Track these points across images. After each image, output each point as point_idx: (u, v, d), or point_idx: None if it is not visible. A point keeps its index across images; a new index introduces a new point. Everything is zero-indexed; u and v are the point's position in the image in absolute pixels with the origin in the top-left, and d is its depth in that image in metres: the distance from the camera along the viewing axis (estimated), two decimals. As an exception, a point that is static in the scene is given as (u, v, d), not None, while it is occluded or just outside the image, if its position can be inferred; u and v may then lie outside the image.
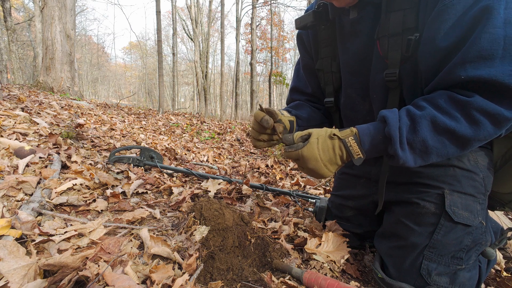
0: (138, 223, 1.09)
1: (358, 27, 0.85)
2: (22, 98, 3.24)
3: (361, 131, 0.72)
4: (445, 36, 0.64)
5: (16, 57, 8.59)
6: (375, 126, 0.72)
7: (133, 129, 3.94)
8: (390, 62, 0.78)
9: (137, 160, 1.83)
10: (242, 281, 0.80)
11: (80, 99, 5.65)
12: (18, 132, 1.78)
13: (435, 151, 0.66)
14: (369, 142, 0.71)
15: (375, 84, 0.85)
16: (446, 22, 0.64)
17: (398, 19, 0.74)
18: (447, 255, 0.76)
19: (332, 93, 1.04)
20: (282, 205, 1.49)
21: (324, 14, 0.92)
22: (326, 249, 0.97)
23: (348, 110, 1.01)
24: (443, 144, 0.65)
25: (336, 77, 1.00)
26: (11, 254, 0.68)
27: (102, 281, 0.69)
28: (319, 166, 0.72)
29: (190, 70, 27.95)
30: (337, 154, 0.72)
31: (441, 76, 0.66)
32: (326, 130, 0.74)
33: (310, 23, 0.95)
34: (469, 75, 0.61)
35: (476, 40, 0.59)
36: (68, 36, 6.04)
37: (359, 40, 0.86)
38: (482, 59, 0.59)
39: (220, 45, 11.34)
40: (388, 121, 0.67)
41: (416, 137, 0.65)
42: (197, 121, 6.77)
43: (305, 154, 0.72)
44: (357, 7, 0.82)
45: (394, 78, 0.78)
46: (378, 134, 0.70)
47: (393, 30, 0.75)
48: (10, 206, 1.01)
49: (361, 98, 0.94)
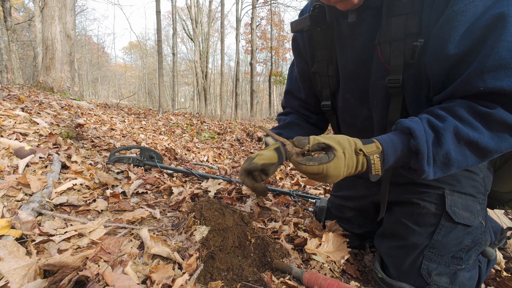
0: (138, 223, 1.09)
1: (357, 31, 0.82)
2: (22, 98, 3.24)
3: (385, 146, 0.64)
4: (455, 43, 0.62)
5: (16, 57, 8.58)
6: (399, 139, 0.65)
7: (133, 129, 3.94)
8: (393, 68, 0.75)
9: (137, 160, 1.83)
10: (242, 281, 0.80)
11: (80, 99, 5.65)
12: (18, 132, 1.78)
13: (456, 163, 0.63)
14: (393, 159, 0.65)
15: (376, 90, 0.82)
16: (455, 29, 0.61)
17: (400, 24, 0.71)
18: (447, 255, 0.76)
19: (329, 97, 1.01)
20: (282, 205, 1.49)
21: (320, 17, 0.89)
22: (326, 249, 0.96)
23: (346, 115, 0.98)
24: (465, 155, 0.62)
25: (333, 80, 0.97)
26: (11, 254, 0.68)
27: (102, 281, 0.69)
28: (336, 180, 0.65)
29: (190, 70, 27.95)
30: (357, 170, 0.66)
31: (456, 86, 0.64)
32: (349, 142, 0.64)
33: (306, 27, 0.92)
34: (488, 86, 0.58)
35: (493, 49, 0.57)
36: (68, 36, 6.04)
37: (358, 44, 0.83)
38: (502, 68, 0.56)
39: (220, 45, 11.34)
40: (416, 134, 0.62)
41: (440, 150, 0.62)
42: (197, 121, 6.77)
43: (331, 172, 0.62)
44: (356, 10, 0.77)
45: (397, 84, 0.75)
46: (403, 148, 0.65)
47: (395, 35, 0.73)
48: (10, 206, 1.01)
49: (359, 103, 0.91)
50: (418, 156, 0.63)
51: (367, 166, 0.64)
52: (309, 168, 0.62)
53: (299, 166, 0.63)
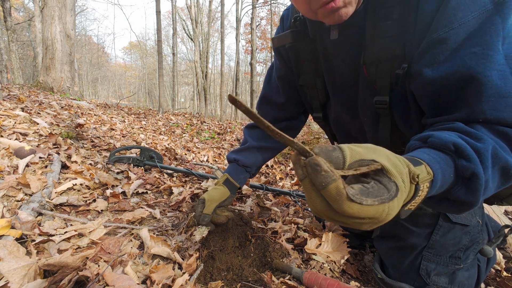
0: (138, 223, 1.09)
1: (341, 49, 0.78)
2: (22, 98, 3.24)
3: (434, 168, 0.46)
4: (436, 70, 0.59)
5: (16, 57, 8.58)
6: (444, 160, 0.50)
7: (133, 129, 3.94)
8: (379, 89, 0.73)
9: (137, 160, 1.84)
10: (242, 281, 0.80)
11: (80, 99, 5.65)
12: (18, 132, 1.78)
13: (488, 193, 0.51)
14: (438, 186, 0.48)
15: (365, 108, 0.81)
16: (436, 56, 0.59)
17: (385, 46, 0.68)
18: (446, 255, 0.76)
19: (319, 109, 0.99)
20: (282, 205, 1.49)
21: (302, 32, 0.85)
22: (326, 249, 0.97)
23: (339, 126, 0.97)
24: (495, 182, 0.52)
25: (321, 94, 0.94)
26: (11, 254, 0.69)
27: (102, 281, 0.69)
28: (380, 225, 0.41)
29: (190, 70, 27.95)
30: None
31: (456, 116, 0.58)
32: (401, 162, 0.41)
33: (288, 44, 0.88)
34: (488, 117, 0.53)
35: (487, 78, 0.53)
36: (68, 36, 6.04)
37: (343, 63, 0.80)
38: (500, 97, 0.52)
39: (220, 45, 11.35)
40: (467, 153, 0.48)
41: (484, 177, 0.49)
42: (197, 121, 6.77)
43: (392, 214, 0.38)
44: (338, 27, 0.74)
45: (384, 106, 0.73)
46: (450, 173, 0.49)
47: (381, 57, 0.70)
48: (10, 206, 1.01)
49: (350, 117, 0.89)
50: (471, 183, 0.48)
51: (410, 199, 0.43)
52: (363, 209, 0.34)
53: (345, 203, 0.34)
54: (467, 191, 0.49)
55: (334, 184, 0.34)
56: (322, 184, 0.34)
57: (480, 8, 0.54)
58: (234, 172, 1.08)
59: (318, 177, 0.35)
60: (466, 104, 0.56)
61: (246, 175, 1.11)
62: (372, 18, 0.68)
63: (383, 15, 0.67)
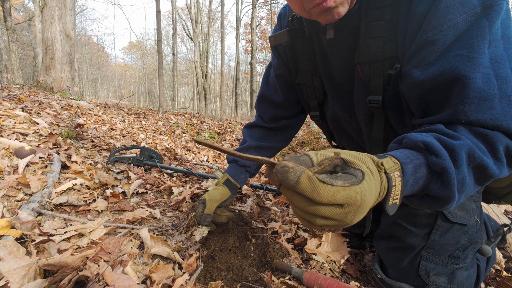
0: (138, 223, 1.09)
1: (337, 49, 0.80)
2: (22, 98, 3.24)
3: (402, 161, 0.49)
4: (424, 71, 0.59)
5: (16, 57, 8.59)
6: (414, 156, 0.52)
7: (133, 129, 3.94)
8: (373, 88, 0.74)
9: (137, 160, 1.84)
10: (242, 281, 0.81)
11: (80, 99, 5.65)
12: (18, 132, 1.78)
13: (466, 190, 0.53)
14: (411, 181, 0.49)
15: (360, 106, 0.82)
16: (425, 58, 0.59)
17: (378, 46, 0.70)
18: (444, 255, 0.77)
19: (316, 107, 0.99)
20: (282, 205, 1.49)
21: (299, 30, 0.86)
22: (326, 249, 0.97)
23: (337, 124, 0.98)
24: (471, 181, 0.53)
25: (319, 92, 0.95)
26: (11, 254, 0.69)
27: (102, 281, 0.69)
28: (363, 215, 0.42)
29: (190, 70, 27.95)
30: (378, 198, 0.46)
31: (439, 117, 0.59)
32: (365, 156, 0.45)
33: (285, 43, 0.89)
34: (470, 119, 0.54)
35: (470, 80, 0.54)
36: (68, 36, 6.05)
37: (339, 62, 0.82)
38: (482, 100, 0.53)
39: (220, 45, 11.34)
40: (436, 149, 0.50)
41: (459, 174, 0.51)
42: (197, 121, 6.77)
43: (367, 198, 0.39)
44: (334, 27, 0.75)
45: (377, 105, 0.74)
46: (422, 168, 0.51)
47: (374, 57, 0.71)
48: (10, 206, 1.01)
49: (348, 116, 0.90)
50: (443, 178, 0.50)
51: (387, 191, 0.46)
52: (337, 191, 0.37)
53: (319, 187, 0.36)
54: (442, 186, 0.51)
55: (304, 174, 0.36)
56: (294, 180, 0.36)
57: (469, 11, 0.55)
58: (234, 172, 1.08)
59: (288, 176, 0.37)
60: (450, 105, 0.57)
61: (246, 175, 1.11)
62: (365, 18, 0.70)
63: (376, 16, 0.68)
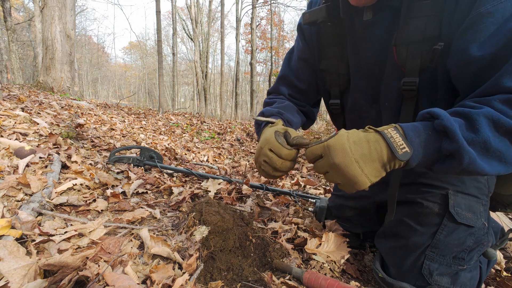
0: (138, 223, 1.09)
1: (372, 31, 0.78)
2: (22, 98, 3.24)
3: (400, 124, 0.60)
4: (482, 46, 0.59)
5: (16, 57, 8.59)
6: (419, 122, 0.61)
7: (133, 129, 3.94)
8: (408, 71, 0.73)
9: (137, 160, 1.83)
10: (242, 281, 0.80)
11: (80, 99, 5.65)
12: (18, 132, 1.78)
13: (497, 154, 0.55)
14: (416, 136, 0.58)
15: (388, 92, 0.80)
16: (482, 31, 0.58)
17: (419, 26, 0.68)
18: (449, 256, 0.76)
19: (338, 95, 0.97)
20: (282, 205, 1.49)
21: (335, 10, 0.82)
22: (326, 249, 0.96)
23: (354, 115, 0.96)
24: (507, 146, 0.55)
25: (343, 79, 0.92)
26: (11, 254, 0.68)
27: (102, 281, 0.69)
28: (348, 161, 0.57)
29: (190, 70, 27.94)
30: (372, 149, 0.58)
31: (485, 87, 0.59)
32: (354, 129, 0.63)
33: (321, 19, 0.84)
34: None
35: None
36: (68, 36, 6.04)
37: (371, 45, 0.80)
38: None
39: (220, 45, 11.35)
40: (437, 113, 0.57)
41: (477, 137, 0.54)
42: (197, 121, 6.77)
43: (332, 144, 0.59)
44: (372, 8, 0.74)
45: (413, 87, 0.72)
46: (426, 129, 0.58)
47: (413, 38, 0.70)
48: (10, 206, 1.01)
49: (369, 105, 0.88)
50: (448, 135, 0.55)
51: (387, 143, 0.58)
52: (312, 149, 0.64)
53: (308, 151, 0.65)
54: (450, 142, 0.55)
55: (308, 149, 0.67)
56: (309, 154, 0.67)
57: None
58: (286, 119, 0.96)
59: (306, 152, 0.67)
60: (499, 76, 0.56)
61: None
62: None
63: None
